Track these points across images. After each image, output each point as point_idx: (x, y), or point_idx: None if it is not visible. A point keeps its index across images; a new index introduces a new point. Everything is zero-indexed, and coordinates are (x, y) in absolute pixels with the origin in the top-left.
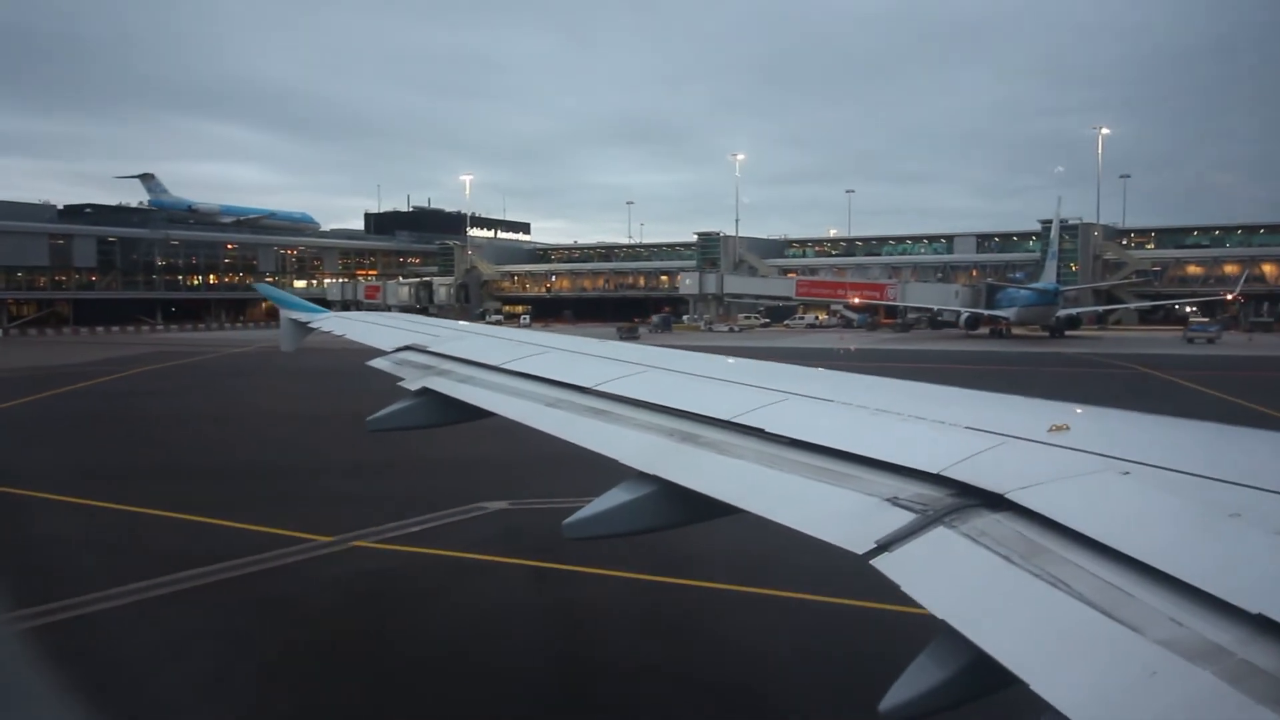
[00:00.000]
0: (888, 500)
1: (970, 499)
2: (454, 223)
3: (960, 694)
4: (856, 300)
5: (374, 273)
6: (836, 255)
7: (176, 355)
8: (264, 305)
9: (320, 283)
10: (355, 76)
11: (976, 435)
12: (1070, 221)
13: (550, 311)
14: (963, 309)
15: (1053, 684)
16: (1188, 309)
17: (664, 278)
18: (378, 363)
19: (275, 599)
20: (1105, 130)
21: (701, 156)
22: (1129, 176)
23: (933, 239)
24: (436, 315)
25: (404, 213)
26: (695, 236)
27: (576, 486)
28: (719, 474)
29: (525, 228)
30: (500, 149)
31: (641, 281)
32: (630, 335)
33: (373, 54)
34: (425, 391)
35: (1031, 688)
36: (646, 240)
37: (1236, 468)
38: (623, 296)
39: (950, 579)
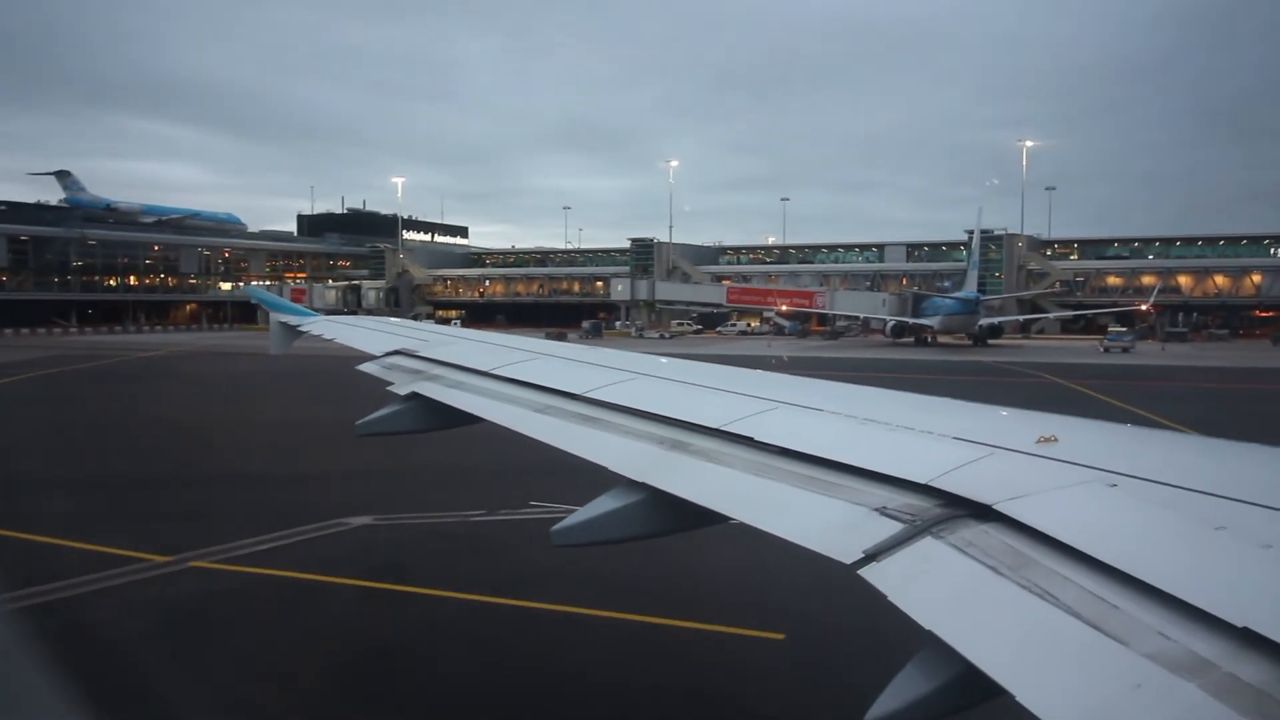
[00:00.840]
0: (876, 510)
1: (958, 509)
2: (389, 225)
3: (946, 705)
4: (783, 307)
5: (303, 275)
6: (771, 262)
7: (83, 358)
8: (188, 308)
9: (246, 285)
10: (294, 74)
11: (965, 446)
12: (995, 232)
13: (484, 317)
14: (889, 317)
15: (1039, 696)
16: (1117, 318)
17: (599, 283)
18: (367, 367)
19: (69, 628)
20: (1030, 143)
21: (646, 162)
22: (1054, 189)
23: (864, 247)
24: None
25: (338, 215)
26: (629, 243)
27: (469, 500)
28: (708, 482)
29: (463, 231)
30: (442, 151)
31: (577, 287)
32: (560, 340)
33: (313, 52)
34: (414, 396)
35: (1018, 699)
36: (586, 246)
37: (1223, 481)
38: (557, 302)
39: (937, 590)
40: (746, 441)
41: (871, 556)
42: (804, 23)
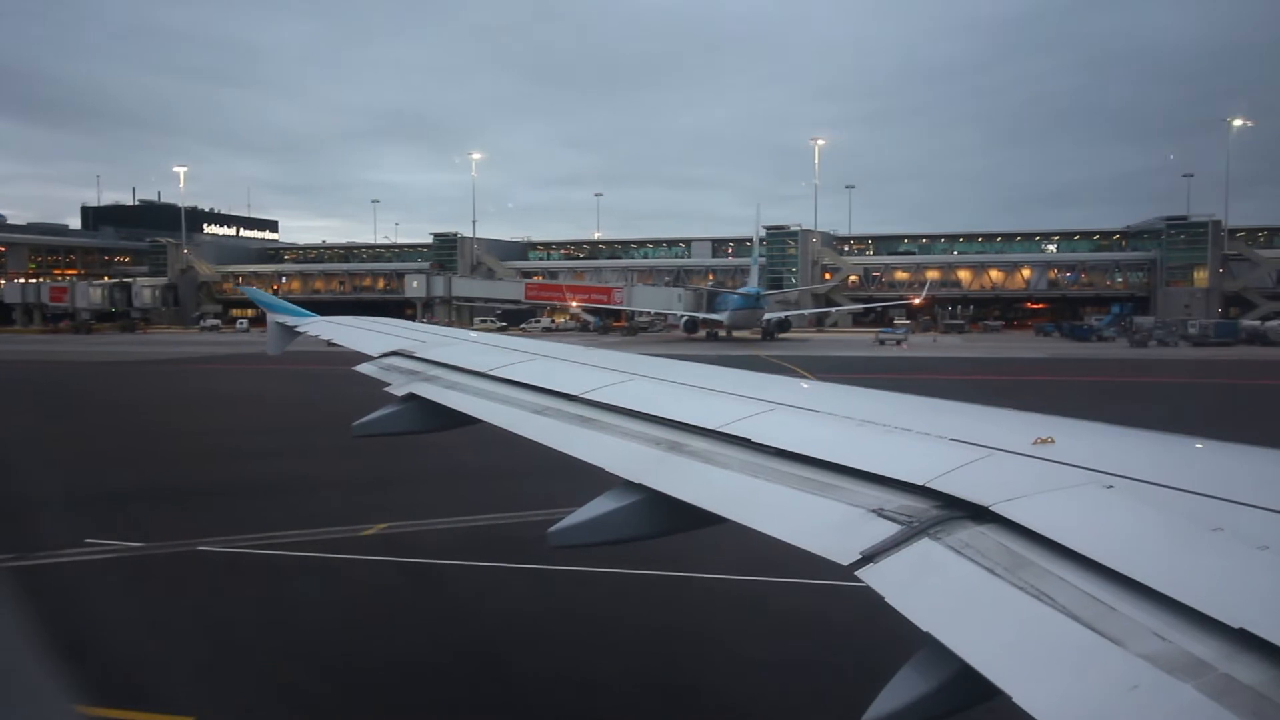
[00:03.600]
0: (873, 511)
1: (955, 511)
2: (189, 218)
3: (944, 705)
4: (575, 304)
5: (73, 272)
6: (583, 258)
7: None
8: None
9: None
10: (87, 54)
11: (961, 447)
12: (791, 228)
13: None
14: (683, 312)
15: (1035, 696)
16: (907, 312)
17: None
18: (365, 368)
19: None
20: (821, 141)
21: (483, 156)
22: (854, 187)
23: (671, 243)
24: (139, 319)
25: (129, 207)
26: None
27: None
28: (705, 484)
29: (272, 225)
30: (260, 142)
31: (381, 284)
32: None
33: (109, 31)
34: (411, 397)
35: (1014, 700)
36: (402, 241)
37: (1219, 482)
38: (359, 299)
39: (934, 591)
40: (743, 443)
41: (869, 558)
42: (633, 21)
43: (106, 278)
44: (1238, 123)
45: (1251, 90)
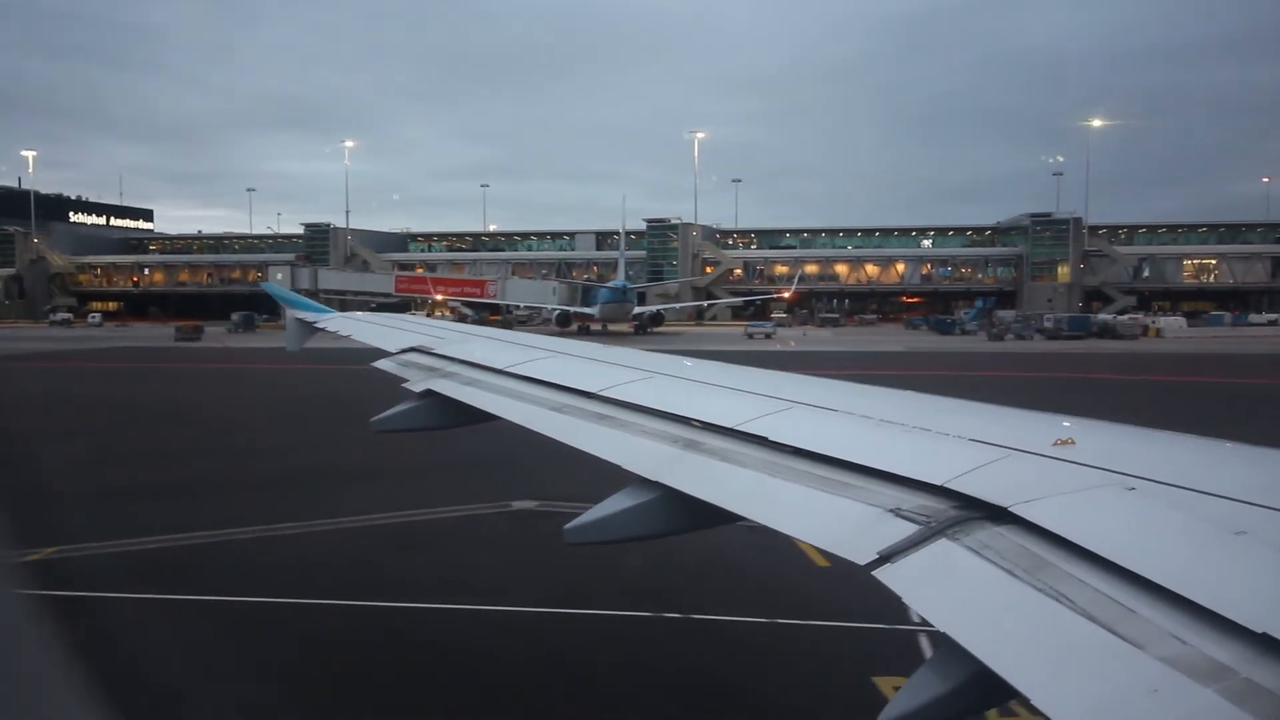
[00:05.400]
0: (890, 511)
1: (974, 511)
2: (51, 206)
3: (961, 707)
4: (440, 297)
5: None
6: (465, 249)
7: None
8: None
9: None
10: None
11: (980, 447)
12: (671, 221)
13: (142, 310)
14: (555, 306)
15: (1054, 699)
16: (786, 306)
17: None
18: (383, 364)
19: None
20: (701, 135)
21: (380, 147)
22: (740, 181)
23: (556, 235)
24: None
25: None
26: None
27: None
28: (722, 482)
29: (147, 214)
30: (143, 127)
31: (252, 275)
32: (190, 337)
33: None
34: (429, 394)
35: (1033, 702)
36: (283, 231)
37: (1243, 484)
38: (227, 292)
39: (952, 592)
40: (761, 441)
41: (886, 558)
42: (533, 12)
43: None
44: (1097, 123)
45: (1128, 95)
